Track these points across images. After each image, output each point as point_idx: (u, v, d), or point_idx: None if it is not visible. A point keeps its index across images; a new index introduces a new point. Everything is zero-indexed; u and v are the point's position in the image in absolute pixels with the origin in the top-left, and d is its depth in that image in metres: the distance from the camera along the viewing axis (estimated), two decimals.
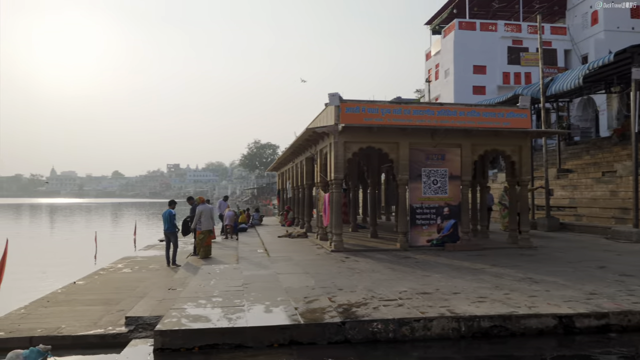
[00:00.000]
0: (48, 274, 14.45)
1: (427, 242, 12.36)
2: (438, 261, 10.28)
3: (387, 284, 7.71)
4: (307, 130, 12.45)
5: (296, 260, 10.55)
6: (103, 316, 8.09)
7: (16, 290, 11.62)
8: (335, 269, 9.27)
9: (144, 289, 10.23)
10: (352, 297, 6.79)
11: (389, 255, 11.28)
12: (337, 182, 12.09)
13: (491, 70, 36.58)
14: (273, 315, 5.85)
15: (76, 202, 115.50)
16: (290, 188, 22.08)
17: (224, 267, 9.73)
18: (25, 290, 11.40)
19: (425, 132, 12.22)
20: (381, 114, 12.10)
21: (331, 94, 11.92)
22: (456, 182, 12.48)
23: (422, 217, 12.37)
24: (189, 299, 6.77)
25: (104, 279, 11.76)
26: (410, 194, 12.34)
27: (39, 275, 14.22)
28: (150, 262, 14.40)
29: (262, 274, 8.81)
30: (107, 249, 19.57)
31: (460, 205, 12.48)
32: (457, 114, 12.46)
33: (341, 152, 11.91)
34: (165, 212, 12.63)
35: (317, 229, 14.80)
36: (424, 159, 12.39)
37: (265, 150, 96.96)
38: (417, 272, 8.83)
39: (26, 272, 14.82)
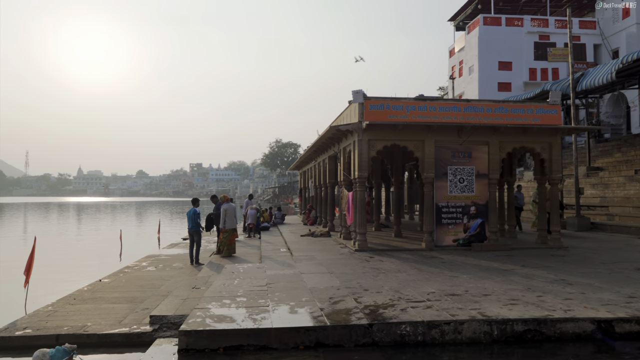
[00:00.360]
0: (75, 271, 14.70)
1: (453, 241, 12.08)
2: (465, 261, 10.00)
3: (414, 285, 7.51)
4: (330, 128, 12.30)
5: (320, 259, 10.42)
6: (128, 314, 8.10)
7: (45, 287, 11.88)
8: (360, 268, 9.10)
9: (168, 287, 10.25)
10: (379, 298, 6.62)
11: (414, 255, 11.05)
12: (361, 181, 11.91)
13: (517, 66, 35.79)
14: (298, 316, 5.72)
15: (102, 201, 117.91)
16: (312, 187, 21.98)
17: (247, 266, 9.66)
18: (54, 287, 11.64)
19: (452, 130, 11.94)
20: (406, 111, 11.86)
21: (355, 91, 11.74)
22: (483, 181, 12.16)
23: (448, 216, 12.09)
24: (213, 299, 6.70)
25: (128, 277, 11.84)
26: (436, 192, 12.08)
27: (66, 272, 14.49)
28: (174, 260, 14.48)
29: (286, 273, 8.71)
30: (132, 247, 19.81)
31: (487, 204, 12.15)
32: (485, 110, 12.12)
33: (365, 150, 11.72)
34: (190, 210, 12.65)
35: (340, 228, 14.64)
36: (450, 156, 12.10)
37: (286, 149, 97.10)
38: (445, 273, 8.60)
39: (55, 269, 15.16)
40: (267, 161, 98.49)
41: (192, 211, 12.58)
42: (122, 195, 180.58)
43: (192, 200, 13.22)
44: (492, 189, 12.21)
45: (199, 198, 13.39)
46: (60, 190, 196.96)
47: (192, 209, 12.65)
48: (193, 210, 12.63)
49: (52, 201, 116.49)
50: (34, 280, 13.09)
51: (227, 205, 12.97)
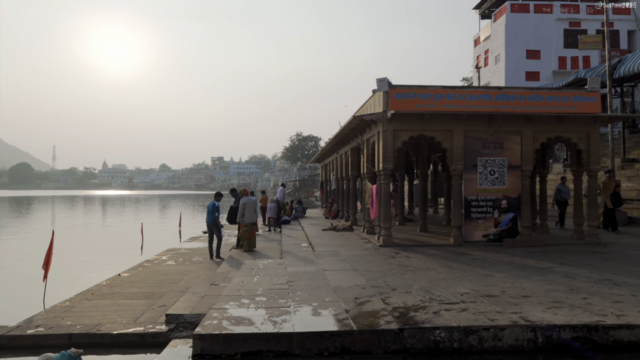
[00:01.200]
0: (97, 264, 14.67)
1: (482, 237, 11.47)
2: (497, 258, 9.42)
3: (445, 284, 6.99)
4: (353, 118, 11.78)
5: (343, 255, 9.96)
6: (144, 311, 7.82)
7: (66, 280, 11.85)
8: (386, 265, 8.61)
9: (186, 283, 9.96)
10: (408, 299, 6.13)
11: (442, 251, 10.50)
12: (385, 173, 11.39)
13: (546, 54, 34.53)
14: (322, 319, 5.28)
15: (126, 194, 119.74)
16: (334, 180, 21.50)
17: (267, 262, 9.27)
18: (74, 280, 11.58)
19: (482, 119, 11.30)
20: (433, 100, 11.27)
21: (379, 79, 11.19)
22: (516, 173, 11.50)
23: (478, 210, 11.48)
24: (231, 298, 6.31)
25: (147, 272, 11.62)
26: (464, 185, 11.47)
27: (88, 266, 14.44)
28: (193, 254, 14.23)
29: (308, 270, 8.28)
30: (153, 240, 19.80)
31: (520, 198, 11.49)
32: (517, 98, 11.44)
33: (390, 140, 11.18)
34: (209, 204, 12.35)
35: (364, 222, 14.15)
36: (480, 147, 11.47)
37: (307, 142, 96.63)
38: (477, 271, 8.04)
39: (77, 262, 15.18)
40: (287, 154, 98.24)
41: (211, 204, 12.27)
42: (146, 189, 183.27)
43: (215, 193, 12.86)
44: (525, 181, 11.54)
45: (222, 192, 13.04)
46: (86, 183, 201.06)
47: (211, 202, 12.34)
48: (212, 203, 12.31)
49: (78, 194, 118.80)
50: (56, 273, 13.17)
51: (246, 199, 12.61)
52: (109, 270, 12.13)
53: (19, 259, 16.12)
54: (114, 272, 11.34)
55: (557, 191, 14.64)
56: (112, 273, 11.31)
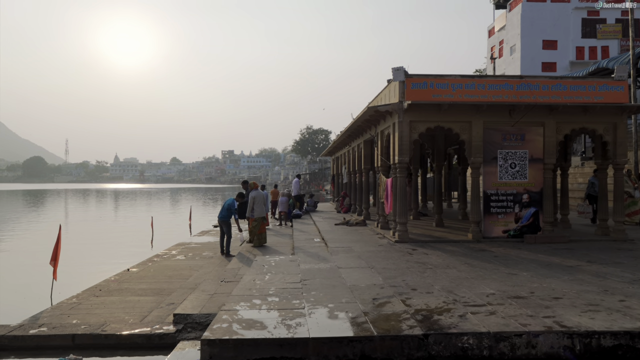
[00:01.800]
0: (107, 258, 14.55)
1: (502, 232, 11.01)
2: (520, 255, 8.97)
3: (468, 284, 6.58)
4: (367, 109, 11.35)
5: (358, 251, 9.58)
6: (153, 309, 7.53)
7: (76, 275, 11.71)
8: (404, 263, 8.21)
9: (196, 279, 9.68)
10: (430, 300, 5.73)
11: (461, 247, 10.07)
12: (401, 166, 10.96)
13: (563, 45, 33.66)
14: (339, 323, 4.90)
15: (138, 188, 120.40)
16: (346, 173, 21.10)
17: (279, 259, 8.92)
18: (84, 275, 11.43)
19: (503, 109, 10.81)
20: (451, 90, 10.79)
21: (395, 68, 10.74)
22: (538, 166, 11.00)
23: (498, 204, 11.01)
24: (242, 298, 5.96)
25: (157, 267, 11.37)
26: (484, 178, 11.01)
27: (98, 260, 14.31)
28: (204, 248, 13.97)
29: (322, 267, 7.91)
30: (164, 234, 19.66)
31: (542, 192, 11.00)
32: (540, 88, 10.91)
33: (406, 132, 10.74)
34: (226, 200, 12.02)
35: (377, 217, 13.75)
36: (501, 139, 10.98)
37: (317, 135, 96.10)
38: (500, 269, 7.61)
39: (87, 256, 15.09)
40: (298, 148, 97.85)
41: (228, 202, 11.90)
42: (157, 182, 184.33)
43: (238, 194, 12.53)
44: (548, 175, 11.04)
45: (243, 193, 12.77)
46: (98, 177, 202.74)
47: (230, 200, 11.99)
48: (231, 201, 11.96)
49: (90, 188, 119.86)
50: (66, 267, 13.12)
51: (255, 193, 12.31)
52: (119, 264, 11.96)
53: (30, 253, 16.04)
54: (123, 267, 11.17)
55: (590, 185, 13.84)
56: (122, 267, 11.14)
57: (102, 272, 11.10)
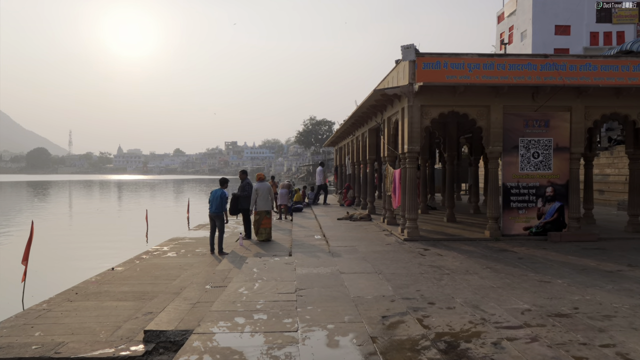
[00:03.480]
0: (97, 253, 13.82)
1: (523, 229, 9.91)
2: (548, 257, 7.88)
3: (495, 296, 5.50)
4: (373, 93, 10.22)
5: (362, 252, 8.51)
6: (129, 319, 6.53)
7: (61, 272, 11.14)
8: (416, 267, 7.14)
9: (182, 281, 8.67)
10: (453, 319, 4.66)
11: (478, 246, 8.98)
12: (411, 156, 9.85)
13: (576, 30, 32.24)
14: (341, 354, 3.84)
15: (141, 179, 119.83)
16: (349, 164, 19.97)
17: (273, 262, 7.86)
18: (69, 273, 10.81)
19: (525, 92, 9.67)
20: (468, 70, 9.65)
21: (405, 46, 9.59)
22: (563, 155, 9.87)
23: (518, 198, 9.90)
24: (223, 315, 4.91)
25: (144, 265, 10.39)
26: (503, 169, 9.89)
27: (88, 255, 13.58)
28: (197, 244, 12.99)
29: (321, 273, 6.85)
30: (160, 227, 18.86)
31: (568, 185, 9.88)
32: (567, 68, 9.75)
33: (417, 118, 9.62)
34: (217, 191, 10.87)
35: (383, 211, 12.67)
36: (522, 126, 9.85)
37: (320, 127, 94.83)
38: (529, 275, 6.53)
39: (78, 250, 14.45)
40: (301, 139, 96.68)
41: (219, 192, 10.81)
42: (160, 173, 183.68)
43: (221, 180, 11.36)
44: (574, 165, 9.91)
45: (227, 178, 11.55)
46: (101, 168, 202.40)
47: (219, 190, 10.89)
48: (221, 191, 10.87)
49: (93, 179, 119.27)
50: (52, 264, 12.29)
51: (258, 185, 11.21)
52: (109, 260, 11.22)
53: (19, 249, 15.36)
54: (113, 263, 10.40)
55: None
56: (111, 263, 10.39)
57: (89, 270, 10.31)
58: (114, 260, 10.78)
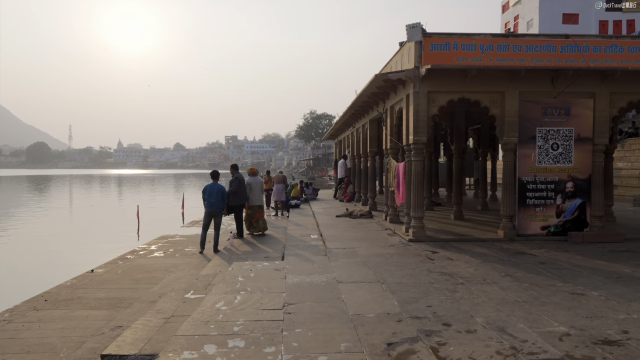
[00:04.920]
0: (83, 252, 13.06)
1: (541, 229, 8.98)
2: (573, 262, 6.95)
3: (522, 313, 4.58)
4: (375, 78, 9.25)
5: (363, 255, 7.59)
6: (95, 333, 5.61)
7: (39, 274, 10.50)
8: (424, 274, 6.21)
9: (164, 286, 7.74)
10: (477, 348, 3.74)
11: (491, 248, 8.05)
12: (417, 147, 8.90)
13: (584, 19, 31.13)
14: None
15: (141, 173, 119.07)
16: (349, 157, 19.02)
17: (262, 267, 6.94)
18: (45, 275, 10.17)
19: (544, 76, 8.71)
20: (480, 52, 8.68)
21: (410, 25, 8.61)
22: (586, 147, 8.93)
23: (535, 195, 8.96)
24: (190, 342, 4.00)
25: (127, 267, 9.47)
26: (519, 163, 8.95)
27: (77, 252, 12.86)
28: (188, 242, 12.07)
29: (315, 282, 5.92)
30: (154, 223, 18.00)
31: (590, 179, 8.94)
32: (590, 49, 8.78)
33: (424, 105, 8.67)
34: (213, 185, 9.80)
35: (386, 208, 11.74)
36: (540, 114, 8.89)
37: (320, 120, 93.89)
38: (558, 286, 5.60)
39: (68, 248, 13.72)
40: (301, 133, 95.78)
41: (217, 187, 9.77)
42: (160, 168, 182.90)
43: (213, 173, 10.26)
44: (598, 158, 8.97)
45: (219, 171, 10.50)
46: (101, 162, 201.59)
47: (217, 185, 9.83)
48: (219, 186, 9.83)
49: (93, 173, 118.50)
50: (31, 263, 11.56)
51: (252, 179, 10.82)
52: (95, 259, 10.39)
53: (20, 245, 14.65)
54: (99, 262, 9.59)
55: None
56: (97, 263, 9.57)
57: (70, 271, 9.52)
58: (100, 260, 9.96)
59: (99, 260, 10.07)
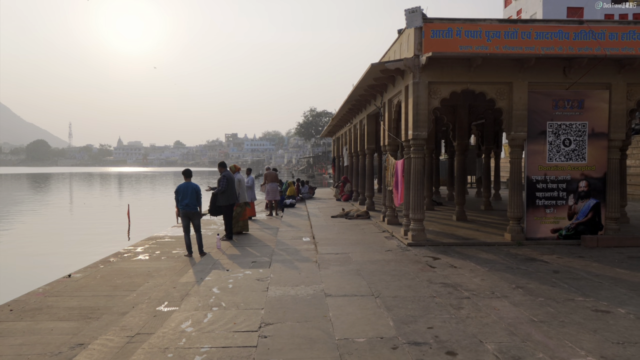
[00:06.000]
0: (69, 254, 12.39)
1: (552, 232, 8.26)
2: (590, 270, 6.23)
3: (540, 337, 3.86)
4: (372, 68, 8.51)
5: (357, 261, 6.88)
6: (54, 352, 4.91)
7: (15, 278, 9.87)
8: (425, 286, 5.49)
9: (139, 296, 7.02)
10: None
11: (498, 254, 7.34)
12: (417, 144, 8.18)
13: (590, 12, 30.31)
14: None
15: (141, 171, 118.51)
16: (346, 155, 18.30)
17: (242, 276, 6.24)
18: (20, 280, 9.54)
19: (555, 66, 7.99)
20: (486, 40, 7.95)
21: (409, 10, 7.87)
22: (600, 143, 8.21)
23: (546, 195, 8.24)
24: None
25: (108, 271, 8.73)
26: (527, 160, 8.23)
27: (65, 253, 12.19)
28: (177, 244, 11.35)
29: (300, 296, 5.21)
30: (146, 223, 17.30)
31: (605, 178, 8.22)
32: (606, 36, 8.05)
33: (424, 98, 7.95)
34: (187, 184, 9.07)
35: (384, 209, 11.03)
36: (551, 107, 8.17)
37: (321, 118, 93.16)
38: (577, 300, 4.89)
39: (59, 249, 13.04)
40: (301, 131, 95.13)
41: (192, 186, 9.05)
42: (160, 165, 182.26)
43: (186, 172, 9.46)
44: (614, 155, 8.24)
45: (191, 170, 9.64)
46: (101, 160, 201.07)
47: (191, 184, 9.08)
48: (193, 185, 9.10)
49: (93, 171, 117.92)
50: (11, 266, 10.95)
51: (240, 176, 10.70)
52: (80, 261, 9.67)
53: None
54: (83, 264, 8.84)
55: None
56: (80, 265, 8.84)
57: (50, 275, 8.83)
58: (85, 262, 9.28)
59: (83, 262, 9.37)
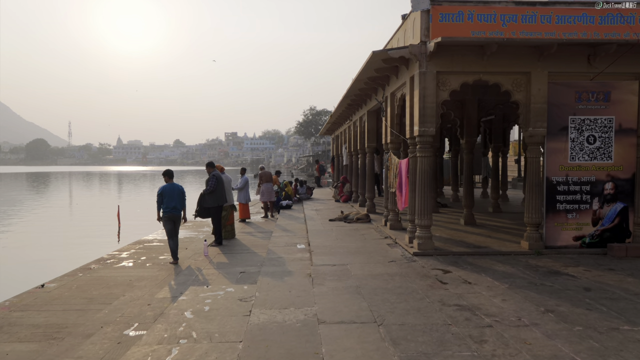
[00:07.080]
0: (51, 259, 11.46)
1: (574, 239, 7.39)
2: (626, 287, 5.37)
3: None
4: (373, 56, 7.63)
5: (356, 275, 6.01)
6: None
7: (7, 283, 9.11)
8: (437, 310, 4.63)
9: (112, 312, 6.16)
10: None
11: (517, 266, 6.47)
12: (423, 141, 7.31)
13: None
14: None
15: (140, 170, 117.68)
16: (345, 153, 17.42)
17: (222, 296, 5.37)
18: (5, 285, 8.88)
19: (578, 53, 7.12)
20: (501, 25, 7.09)
21: None
22: (629, 140, 7.34)
23: (567, 198, 7.38)
24: None
25: (85, 280, 7.84)
26: (547, 159, 7.36)
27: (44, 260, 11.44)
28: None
29: (288, 324, 4.34)
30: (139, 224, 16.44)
31: (634, 179, 7.36)
32: (636, 20, 7.18)
33: (432, 89, 7.08)
34: (173, 185, 8.20)
35: (386, 212, 10.16)
36: (574, 100, 7.30)
37: (321, 117, 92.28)
38: (623, 330, 4.03)
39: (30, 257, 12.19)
40: (301, 129, 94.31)
41: (178, 187, 8.21)
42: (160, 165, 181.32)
43: (168, 172, 8.56)
44: None
45: (172, 170, 8.72)
46: (101, 159, 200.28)
47: (177, 185, 8.24)
48: (178, 186, 8.27)
49: (93, 170, 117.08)
50: None
51: (226, 177, 9.95)
52: (62, 267, 9.02)
53: None
54: (65, 270, 8.14)
55: None
56: (62, 271, 8.15)
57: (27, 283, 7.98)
58: (68, 267, 8.56)
59: (65, 268, 8.56)
